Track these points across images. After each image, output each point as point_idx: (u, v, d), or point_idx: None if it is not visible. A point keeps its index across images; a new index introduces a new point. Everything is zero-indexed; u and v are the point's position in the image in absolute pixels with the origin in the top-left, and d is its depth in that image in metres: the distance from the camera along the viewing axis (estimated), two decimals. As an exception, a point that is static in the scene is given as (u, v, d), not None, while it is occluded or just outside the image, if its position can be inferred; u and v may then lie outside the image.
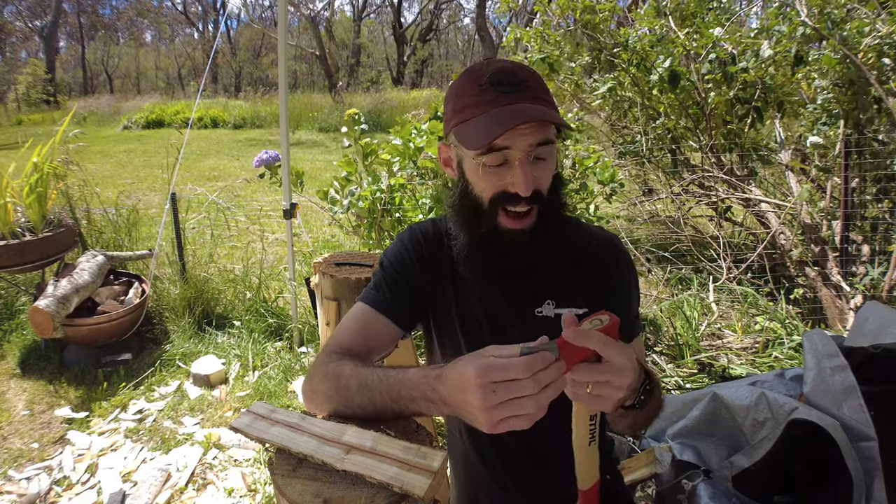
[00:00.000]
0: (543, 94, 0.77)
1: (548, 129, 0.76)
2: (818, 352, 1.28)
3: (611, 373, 0.58)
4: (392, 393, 0.67)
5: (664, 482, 1.39)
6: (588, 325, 0.58)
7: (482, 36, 14.78)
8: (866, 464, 1.11)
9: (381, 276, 0.89)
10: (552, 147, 0.77)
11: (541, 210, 0.79)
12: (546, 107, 0.75)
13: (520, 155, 0.74)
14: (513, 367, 0.54)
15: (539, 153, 0.76)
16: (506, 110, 0.73)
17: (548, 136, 0.76)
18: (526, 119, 0.72)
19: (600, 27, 3.42)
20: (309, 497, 0.57)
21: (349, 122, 2.60)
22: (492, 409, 0.55)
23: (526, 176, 0.74)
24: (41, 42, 24.01)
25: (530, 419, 0.55)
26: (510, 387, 0.54)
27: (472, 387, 0.56)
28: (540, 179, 0.77)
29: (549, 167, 0.78)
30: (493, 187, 0.77)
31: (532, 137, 0.74)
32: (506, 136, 0.74)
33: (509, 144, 0.74)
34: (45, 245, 2.74)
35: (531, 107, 0.74)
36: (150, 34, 35.73)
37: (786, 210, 2.99)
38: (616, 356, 0.58)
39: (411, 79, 26.75)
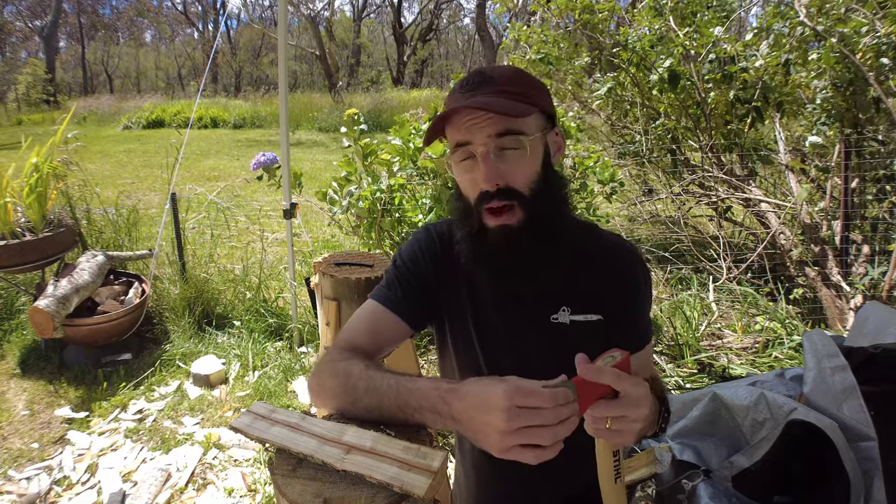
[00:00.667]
0: (510, 87, 0.74)
1: (509, 120, 0.73)
2: (818, 352, 1.28)
3: (627, 407, 0.60)
4: (400, 400, 0.67)
5: (664, 482, 1.39)
6: (602, 362, 0.59)
7: (482, 36, 14.78)
8: (866, 464, 1.11)
9: (395, 274, 0.88)
10: (521, 139, 0.74)
11: (526, 210, 0.76)
12: (507, 98, 0.73)
13: (480, 148, 0.74)
14: (542, 395, 0.54)
15: (504, 144, 0.74)
16: (459, 104, 0.73)
17: (510, 125, 0.73)
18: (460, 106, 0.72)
19: (599, 27, 3.42)
20: (309, 497, 0.57)
21: (348, 122, 2.59)
22: (510, 434, 0.55)
23: (487, 169, 0.73)
24: (41, 42, 24.01)
25: (540, 454, 0.55)
26: (534, 414, 0.54)
27: (499, 408, 0.55)
28: (511, 174, 0.74)
29: (521, 161, 0.75)
30: (471, 188, 0.77)
31: (490, 128, 0.73)
32: (465, 131, 0.74)
33: (469, 139, 0.74)
34: (45, 245, 2.74)
35: (483, 99, 0.73)
36: (150, 34, 35.76)
37: (786, 210, 2.99)
38: (630, 389, 0.59)
39: (411, 79, 26.75)
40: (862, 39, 2.60)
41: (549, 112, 0.80)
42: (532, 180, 0.76)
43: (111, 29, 31.36)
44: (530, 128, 0.75)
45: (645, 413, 0.61)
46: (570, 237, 0.83)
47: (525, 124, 0.75)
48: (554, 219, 0.79)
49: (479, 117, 0.73)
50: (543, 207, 0.77)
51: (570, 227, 0.85)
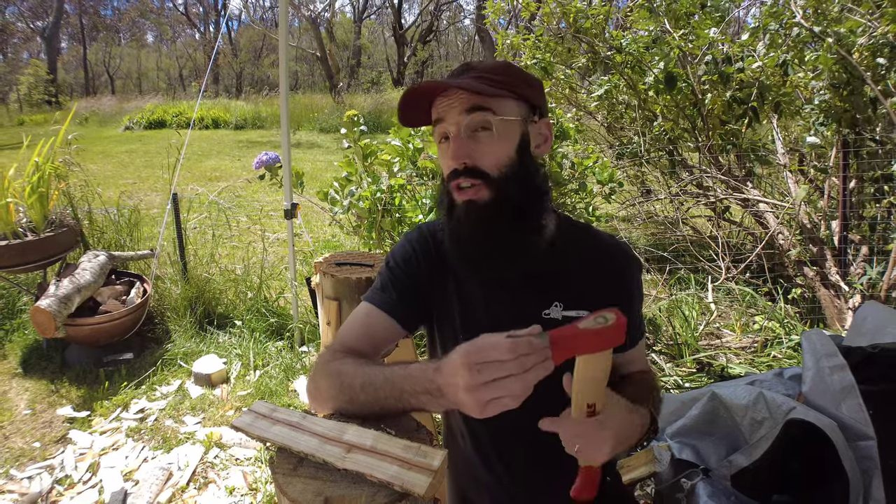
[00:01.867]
0: (489, 74, 0.76)
1: (482, 98, 0.74)
2: (817, 351, 1.28)
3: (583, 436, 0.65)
4: (395, 390, 0.68)
5: (663, 481, 1.40)
6: (593, 321, 0.58)
7: (482, 37, 14.78)
8: (865, 463, 1.12)
9: (388, 276, 0.89)
10: (492, 119, 0.75)
11: (494, 190, 0.76)
12: (482, 82, 0.74)
13: (451, 127, 0.76)
14: (497, 348, 0.55)
15: (475, 122, 0.75)
16: (437, 84, 0.76)
17: (480, 102, 0.74)
18: (446, 84, 0.75)
19: (592, 31, 3.42)
20: (310, 496, 0.57)
21: (348, 123, 2.60)
22: (477, 389, 0.56)
23: (456, 147, 0.75)
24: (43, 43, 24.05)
25: (518, 399, 0.56)
26: (495, 367, 0.56)
27: (459, 367, 0.57)
28: (479, 154, 0.75)
29: (492, 143, 0.76)
30: (445, 167, 0.79)
31: (460, 106, 0.75)
32: (440, 110, 0.77)
33: (442, 116, 0.77)
34: (46, 245, 2.75)
35: (460, 80, 0.75)
36: (152, 35, 35.78)
37: (784, 210, 2.99)
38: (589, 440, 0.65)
39: (412, 80, 26.73)
40: (858, 39, 2.60)
41: (535, 103, 0.81)
42: (503, 164, 0.76)
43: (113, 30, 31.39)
44: (504, 110, 0.76)
45: (607, 449, 0.66)
46: (563, 231, 0.84)
47: (497, 105, 0.76)
48: (523, 202, 0.78)
49: (452, 97, 0.76)
50: (512, 190, 0.77)
51: (564, 222, 0.87)
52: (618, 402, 0.69)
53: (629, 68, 3.40)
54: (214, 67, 27.18)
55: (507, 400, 0.56)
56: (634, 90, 3.55)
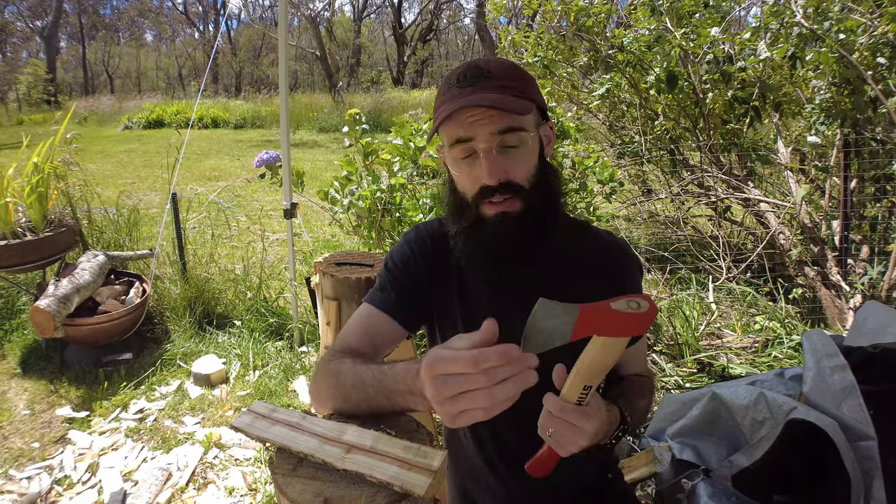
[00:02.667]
0: (509, 83, 0.75)
1: (511, 117, 0.74)
2: (817, 351, 1.28)
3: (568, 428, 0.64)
4: (383, 388, 0.67)
5: (664, 481, 1.39)
6: (625, 304, 0.56)
7: (482, 36, 14.78)
8: (865, 463, 1.11)
9: (387, 276, 0.89)
10: (522, 135, 0.75)
11: (525, 201, 0.77)
12: (507, 94, 0.73)
13: (482, 145, 0.74)
14: (459, 361, 0.53)
15: (506, 141, 0.75)
16: (459, 101, 0.73)
17: (512, 123, 0.74)
18: (466, 104, 0.72)
19: (594, 30, 3.42)
20: (309, 496, 0.57)
21: (350, 122, 2.60)
22: (445, 402, 0.54)
23: (490, 165, 0.74)
24: (42, 42, 24.03)
25: (488, 412, 0.54)
26: (460, 380, 0.53)
27: (425, 379, 0.56)
28: (512, 169, 0.76)
29: (522, 156, 0.76)
30: (470, 183, 0.78)
31: (492, 126, 0.73)
32: (467, 127, 0.74)
33: (472, 135, 0.75)
34: (45, 245, 2.74)
35: (486, 95, 0.73)
36: (151, 34, 35.77)
37: (785, 210, 2.99)
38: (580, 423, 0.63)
39: (411, 79, 26.75)
40: (858, 39, 2.60)
41: (542, 105, 0.81)
42: (531, 174, 0.78)
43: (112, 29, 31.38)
44: (529, 124, 0.77)
45: (583, 443, 0.65)
46: (563, 230, 0.84)
47: (525, 121, 0.76)
48: (550, 209, 0.80)
49: (480, 113, 0.74)
50: (541, 198, 0.78)
51: (563, 221, 0.87)
52: (599, 400, 0.68)
53: (631, 67, 3.40)
54: (214, 67, 27.17)
55: (475, 412, 0.54)
56: (636, 89, 3.54)
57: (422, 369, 0.56)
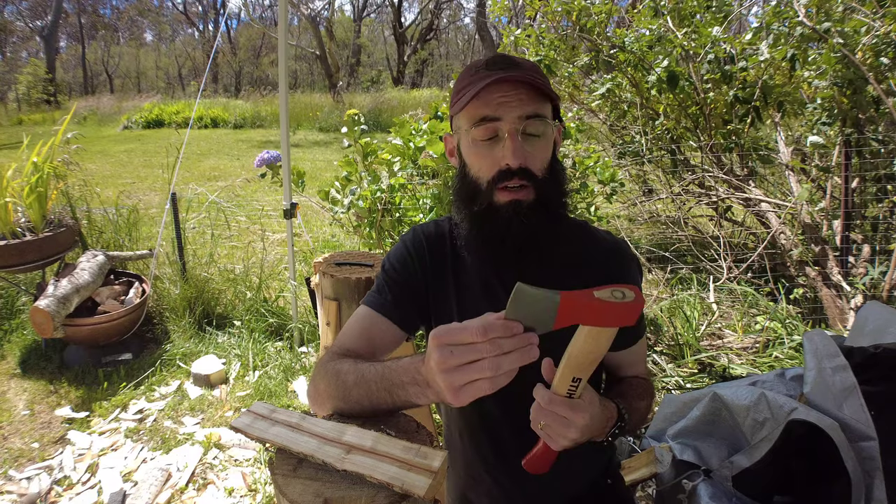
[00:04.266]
0: (537, 75, 0.76)
1: (539, 104, 0.76)
2: (818, 352, 1.28)
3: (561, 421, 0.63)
4: (385, 382, 0.67)
5: (664, 482, 1.39)
6: (609, 293, 0.55)
7: (482, 36, 14.77)
8: (866, 464, 1.11)
9: (384, 279, 0.89)
10: (545, 125, 0.77)
11: (538, 191, 0.77)
12: (536, 81, 0.74)
13: (509, 126, 0.75)
14: (468, 330, 0.54)
15: (530, 128, 0.76)
16: (492, 78, 0.74)
17: (539, 110, 0.76)
18: (505, 77, 0.73)
19: (596, 30, 3.42)
20: (309, 497, 0.57)
21: (349, 122, 2.60)
22: (449, 372, 0.55)
23: (515, 146, 0.75)
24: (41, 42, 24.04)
25: (492, 383, 0.54)
26: (467, 349, 0.54)
27: (431, 349, 0.56)
28: (532, 157, 0.77)
29: (542, 146, 0.78)
30: (488, 166, 0.78)
31: (521, 109, 0.74)
32: (495, 107, 0.74)
33: (499, 115, 0.75)
34: (45, 245, 2.74)
35: (519, 76, 0.74)
36: (151, 34, 35.77)
37: (786, 210, 2.99)
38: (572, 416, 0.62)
39: (411, 79, 26.75)
40: (861, 39, 2.60)
41: (557, 105, 0.83)
42: (545, 167, 0.79)
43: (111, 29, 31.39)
44: (548, 114, 0.78)
45: (573, 435, 0.64)
46: (563, 229, 0.84)
47: (546, 109, 0.78)
48: (558, 204, 0.81)
49: (510, 96, 0.74)
50: (552, 192, 0.79)
51: (567, 220, 0.87)
52: (592, 394, 0.67)
53: (632, 67, 3.40)
54: (213, 66, 27.17)
55: (481, 384, 0.54)
56: (637, 89, 3.54)
57: (430, 339, 0.57)
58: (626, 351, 0.90)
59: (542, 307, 0.54)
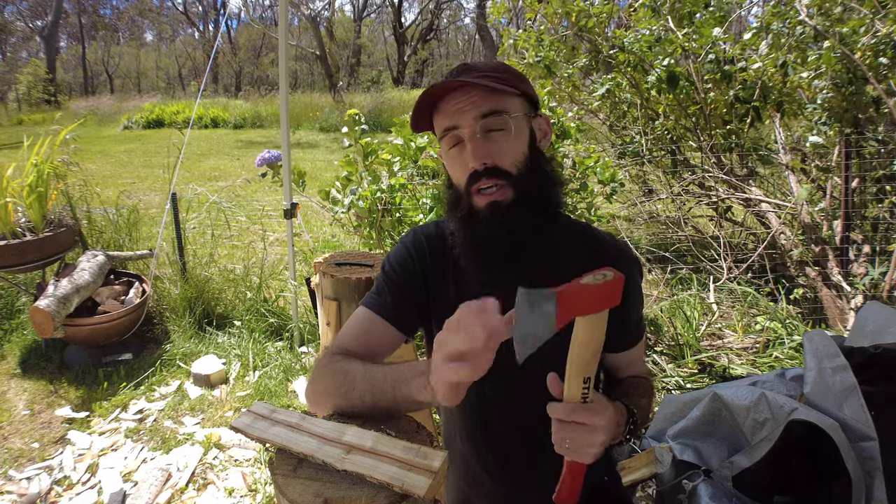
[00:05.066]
0: (492, 73, 0.76)
1: (496, 101, 0.75)
2: (819, 352, 1.28)
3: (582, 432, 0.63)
4: (391, 376, 0.69)
5: (664, 482, 1.39)
6: (591, 278, 0.57)
7: (482, 36, 14.77)
8: (867, 464, 1.11)
9: (384, 280, 0.89)
10: (506, 118, 0.76)
11: (516, 188, 0.77)
12: (489, 81, 0.74)
13: (466, 130, 0.76)
14: (450, 322, 0.58)
15: (489, 125, 0.76)
16: (442, 89, 0.75)
17: (495, 106, 0.75)
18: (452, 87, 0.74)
19: (595, 30, 3.42)
20: (310, 497, 0.57)
21: (350, 122, 2.60)
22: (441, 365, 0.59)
23: (475, 147, 0.75)
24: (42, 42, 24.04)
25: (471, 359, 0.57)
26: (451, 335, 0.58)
27: (440, 342, 0.60)
28: (498, 153, 0.76)
29: (508, 140, 0.76)
30: (460, 172, 0.79)
31: (475, 110, 0.75)
32: (451, 116, 0.76)
33: (456, 123, 0.76)
34: (45, 245, 2.74)
35: (466, 78, 0.75)
36: (151, 34, 35.78)
37: (786, 210, 2.99)
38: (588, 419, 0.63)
39: (412, 79, 26.76)
40: (861, 39, 2.60)
41: (533, 98, 0.82)
42: (519, 161, 0.78)
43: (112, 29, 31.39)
44: (514, 108, 0.77)
45: (601, 439, 0.63)
46: (562, 230, 0.84)
47: (508, 104, 0.77)
48: (544, 196, 0.79)
49: (463, 101, 0.75)
50: (532, 185, 0.78)
51: (563, 221, 0.86)
52: (599, 395, 0.67)
53: (631, 67, 3.40)
54: (214, 66, 27.18)
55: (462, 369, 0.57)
56: (637, 89, 3.54)
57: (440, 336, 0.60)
58: (625, 352, 0.90)
59: (544, 309, 0.54)
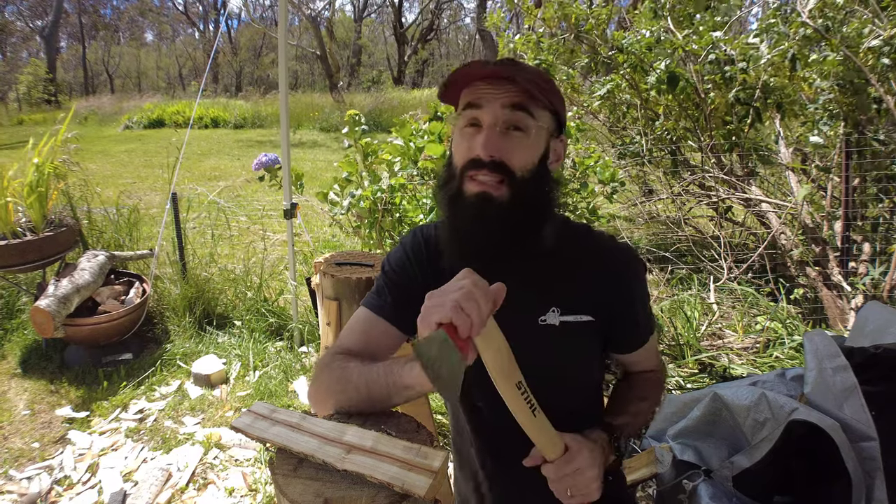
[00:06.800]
0: (537, 80, 0.74)
1: (526, 98, 0.73)
2: (819, 352, 1.27)
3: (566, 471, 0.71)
4: (388, 372, 0.69)
5: (665, 482, 1.39)
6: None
7: (483, 36, 14.77)
8: (867, 464, 1.11)
9: (384, 280, 0.88)
10: (530, 122, 0.74)
11: (513, 189, 0.74)
12: (531, 85, 0.73)
13: (488, 117, 0.73)
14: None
15: (512, 120, 0.73)
16: (482, 69, 0.73)
17: (525, 103, 0.73)
18: (499, 71, 0.72)
19: (594, 32, 3.42)
20: (310, 497, 0.57)
21: (350, 122, 2.60)
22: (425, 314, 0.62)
23: (487, 138, 0.72)
24: (42, 42, 24.05)
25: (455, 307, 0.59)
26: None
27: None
28: (509, 152, 0.73)
29: (525, 143, 0.74)
30: (464, 152, 0.76)
31: (505, 98, 0.73)
32: (479, 94, 0.74)
33: (481, 103, 0.73)
34: (45, 245, 2.74)
35: (508, 69, 0.72)
36: (151, 34, 35.79)
37: (786, 210, 2.98)
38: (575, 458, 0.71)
39: (412, 79, 26.76)
40: (863, 41, 2.60)
41: (561, 120, 0.80)
42: (528, 167, 0.76)
43: (112, 29, 31.40)
44: (541, 119, 0.76)
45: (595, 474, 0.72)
46: (558, 231, 0.82)
47: (537, 113, 0.75)
48: (536, 207, 0.77)
49: (497, 86, 0.73)
50: (530, 193, 0.75)
51: (554, 227, 0.83)
52: (571, 436, 0.73)
53: (631, 68, 3.40)
54: (214, 66, 27.18)
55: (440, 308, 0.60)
56: (636, 90, 3.54)
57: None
58: (636, 351, 0.91)
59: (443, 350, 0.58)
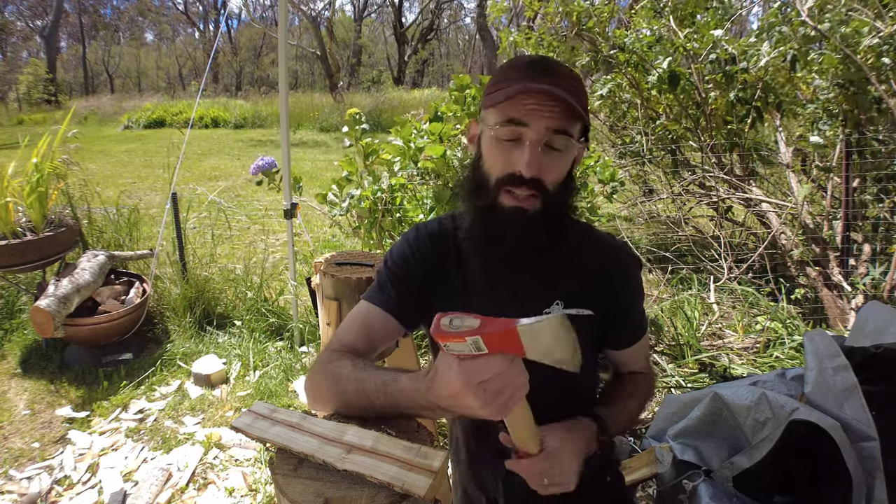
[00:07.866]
0: (576, 92, 0.75)
1: (569, 121, 0.74)
2: (819, 352, 1.27)
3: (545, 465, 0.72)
4: (390, 400, 0.69)
5: (665, 482, 1.39)
6: (447, 320, 0.59)
7: (483, 36, 14.76)
8: (867, 464, 1.11)
9: (385, 274, 0.89)
10: (569, 142, 0.75)
11: (545, 203, 0.77)
12: (573, 98, 0.73)
13: (533, 135, 0.74)
14: (488, 367, 0.58)
15: (553, 142, 0.75)
16: (529, 84, 0.73)
17: (567, 127, 0.74)
18: (541, 90, 0.72)
19: (595, 30, 3.41)
20: (310, 497, 0.57)
21: (350, 122, 2.60)
22: (490, 403, 0.59)
23: (532, 156, 0.73)
24: (42, 42, 24.06)
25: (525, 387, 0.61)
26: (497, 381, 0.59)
27: (465, 394, 0.59)
28: (548, 170, 0.76)
29: (561, 161, 0.77)
30: (501, 165, 0.77)
31: (550, 121, 0.73)
32: (525, 113, 0.73)
33: (527, 121, 0.74)
34: (45, 245, 2.74)
35: (557, 89, 0.72)
36: (151, 34, 35.79)
37: (786, 210, 2.98)
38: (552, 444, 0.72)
39: (412, 78, 26.77)
40: (863, 40, 2.60)
41: (587, 124, 0.81)
42: (558, 181, 0.78)
43: (112, 29, 31.40)
44: (576, 133, 0.77)
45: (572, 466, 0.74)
46: (569, 237, 0.84)
47: (574, 128, 0.76)
48: (563, 218, 0.81)
49: (543, 106, 0.73)
50: (558, 205, 0.79)
51: (571, 228, 0.86)
52: (549, 428, 0.75)
53: (632, 67, 3.40)
54: (214, 66, 27.19)
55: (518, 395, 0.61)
56: (637, 89, 3.54)
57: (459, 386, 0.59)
58: (627, 349, 0.91)
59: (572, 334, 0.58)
